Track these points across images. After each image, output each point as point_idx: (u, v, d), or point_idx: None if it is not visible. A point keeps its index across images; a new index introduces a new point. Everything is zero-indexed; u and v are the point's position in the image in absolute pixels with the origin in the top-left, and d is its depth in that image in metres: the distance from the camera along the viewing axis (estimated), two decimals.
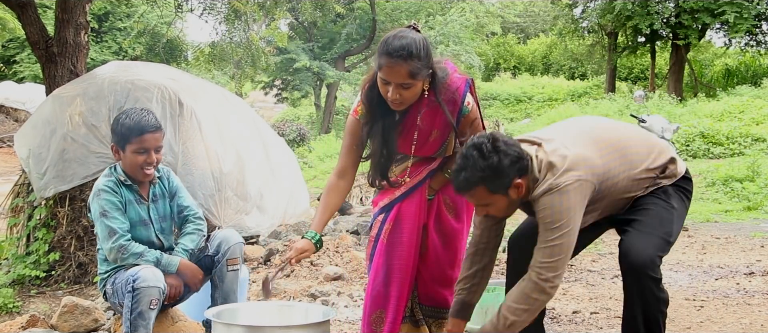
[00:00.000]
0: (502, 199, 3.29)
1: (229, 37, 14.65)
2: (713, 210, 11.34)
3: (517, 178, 3.26)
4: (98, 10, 29.73)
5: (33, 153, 7.36)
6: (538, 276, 3.26)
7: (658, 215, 3.52)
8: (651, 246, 3.43)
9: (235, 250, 4.11)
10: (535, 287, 3.27)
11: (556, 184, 3.26)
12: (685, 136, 17.10)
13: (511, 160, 3.23)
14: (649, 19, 26.19)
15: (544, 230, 3.27)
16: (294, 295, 5.94)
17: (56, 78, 8.80)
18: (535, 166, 3.34)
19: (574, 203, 3.27)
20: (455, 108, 3.64)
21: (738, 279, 6.63)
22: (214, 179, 7.32)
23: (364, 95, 3.68)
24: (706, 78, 31.32)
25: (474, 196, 3.29)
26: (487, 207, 3.34)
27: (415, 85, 3.46)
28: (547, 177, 3.29)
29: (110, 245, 3.97)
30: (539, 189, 3.28)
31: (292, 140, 23.01)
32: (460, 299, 3.60)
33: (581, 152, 3.35)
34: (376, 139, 3.70)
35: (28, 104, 25.85)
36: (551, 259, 3.26)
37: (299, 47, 31.52)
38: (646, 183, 3.54)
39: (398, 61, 3.38)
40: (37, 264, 7.22)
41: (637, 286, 3.43)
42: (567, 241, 3.27)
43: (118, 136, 4.06)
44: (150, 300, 3.77)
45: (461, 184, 3.25)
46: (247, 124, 8.62)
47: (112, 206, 4.02)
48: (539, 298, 3.29)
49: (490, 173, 3.19)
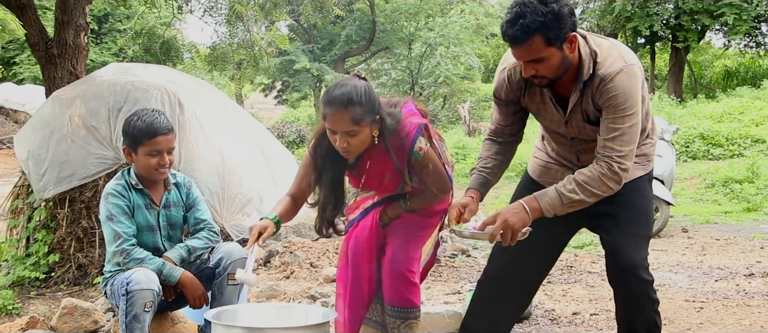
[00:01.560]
0: (557, 55, 3.15)
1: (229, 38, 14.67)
2: (713, 211, 11.33)
3: (573, 32, 3.16)
4: (98, 11, 29.75)
5: (32, 154, 7.36)
6: (620, 166, 3.20)
7: (643, 210, 3.53)
8: (640, 247, 3.44)
9: (236, 265, 4.06)
10: (613, 177, 3.22)
11: (629, 63, 3.20)
12: (685, 138, 17.10)
13: (570, 11, 3.14)
14: (648, 20, 26.21)
15: (618, 118, 3.18)
16: (294, 297, 5.94)
17: (56, 79, 8.81)
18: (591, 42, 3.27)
19: (639, 89, 3.22)
20: (403, 154, 3.62)
21: (738, 280, 6.63)
22: (218, 177, 7.33)
23: (312, 148, 3.73)
24: (705, 79, 31.33)
25: (530, 47, 3.12)
26: (538, 64, 3.18)
27: (360, 132, 3.46)
28: (615, 55, 3.22)
29: (114, 249, 3.97)
30: (610, 67, 3.19)
31: (291, 141, 23.04)
32: (481, 176, 3.62)
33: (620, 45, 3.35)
34: (325, 188, 3.75)
35: (27, 106, 25.85)
36: (629, 148, 3.21)
37: (299, 49, 31.57)
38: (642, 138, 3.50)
39: (339, 108, 3.39)
40: (36, 265, 7.22)
41: (633, 291, 3.43)
42: (637, 129, 3.23)
43: (130, 139, 4.04)
44: (144, 302, 3.76)
45: (519, 31, 3.09)
46: (246, 128, 8.63)
47: (119, 210, 4.01)
48: (614, 189, 3.25)
49: (551, 19, 3.07)
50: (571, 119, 3.40)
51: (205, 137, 7.41)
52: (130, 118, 4.09)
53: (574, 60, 3.23)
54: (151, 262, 3.95)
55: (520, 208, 3.25)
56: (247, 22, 14.23)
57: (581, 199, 3.23)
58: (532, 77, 3.26)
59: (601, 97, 3.23)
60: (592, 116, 3.33)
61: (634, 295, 3.45)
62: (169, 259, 4.06)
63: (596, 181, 3.21)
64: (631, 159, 3.24)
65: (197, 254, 4.19)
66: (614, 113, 3.19)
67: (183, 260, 4.12)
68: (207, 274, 4.14)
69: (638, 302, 3.45)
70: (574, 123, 3.41)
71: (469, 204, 3.48)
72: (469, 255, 7.81)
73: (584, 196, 3.23)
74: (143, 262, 3.93)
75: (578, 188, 3.22)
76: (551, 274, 7.12)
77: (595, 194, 3.23)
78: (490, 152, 3.65)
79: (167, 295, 4.06)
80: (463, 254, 7.81)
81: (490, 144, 3.69)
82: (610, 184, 3.23)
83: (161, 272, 3.96)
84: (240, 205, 7.45)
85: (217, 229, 4.35)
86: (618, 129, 3.19)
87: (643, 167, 3.56)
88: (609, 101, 3.20)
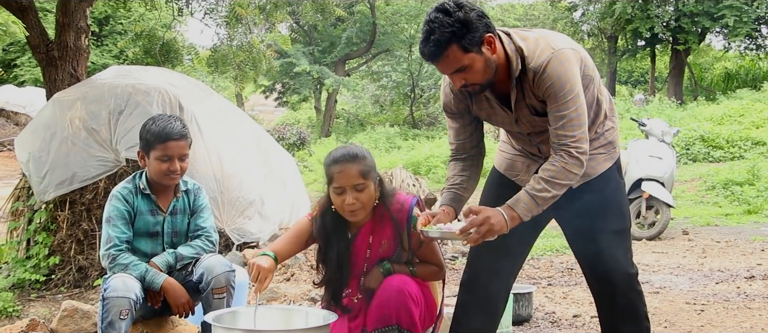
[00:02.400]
0: (478, 60, 3.17)
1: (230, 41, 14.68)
2: (713, 214, 11.34)
3: (488, 34, 3.17)
4: (99, 13, 29.76)
5: (33, 157, 7.36)
6: (578, 151, 3.22)
7: (615, 203, 3.54)
8: (619, 243, 3.49)
9: (219, 280, 4.01)
10: (576, 163, 3.23)
11: (557, 50, 3.21)
12: (686, 140, 17.11)
13: (478, 15, 3.15)
14: (649, 22, 26.23)
15: (559, 104, 3.20)
16: (294, 299, 5.93)
17: (57, 82, 8.80)
18: (516, 37, 3.28)
19: (576, 71, 3.23)
20: (403, 216, 3.71)
21: (738, 283, 6.63)
22: (216, 181, 7.31)
23: (316, 229, 3.76)
24: (706, 81, 31.35)
25: (448, 59, 3.16)
26: (464, 73, 3.20)
27: (368, 186, 3.59)
28: (542, 45, 3.23)
29: (103, 251, 3.98)
30: (539, 58, 3.21)
31: (292, 144, 23.03)
32: (453, 192, 3.60)
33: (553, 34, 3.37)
34: (331, 265, 3.76)
35: (28, 108, 25.87)
36: (580, 131, 3.22)
37: (299, 51, 31.58)
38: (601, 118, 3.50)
39: (347, 163, 3.57)
40: (37, 268, 7.21)
41: (619, 286, 3.48)
42: (583, 110, 3.23)
43: (144, 142, 4.05)
44: (120, 310, 3.72)
45: (432, 48, 3.13)
46: (247, 131, 8.62)
47: (118, 214, 4.01)
48: (579, 174, 3.26)
49: (459, 27, 3.09)
50: (519, 117, 3.43)
51: (205, 140, 7.40)
52: (146, 122, 4.10)
53: (500, 59, 3.24)
54: (134, 268, 3.93)
55: (499, 215, 3.24)
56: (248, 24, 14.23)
57: (554, 194, 3.25)
58: (463, 87, 3.29)
59: (539, 90, 3.25)
60: (539, 109, 3.35)
61: (620, 290, 3.48)
62: (154, 265, 4.03)
63: (561, 172, 3.23)
64: (586, 140, 3.25)
65: (184, 262, 4.16)
66: (556, 101, 3.21)
67: (170, 267, 4.09)
68: (191, 286, 4.09)
69: (626, 297, 3.49)
70: (524, 119, 3.44)
71: (439, 214, 3.47)
72: None
73: (555, 191, 3.25)
74: (127, 267, 3.91)
75: (547, 185, 3.24)
76: (552, 276, 7.13)
77: (564, 185, 3.26)
78: (456, 170, 3.66)
79: (154, 302, 4.04)
80: (464, 256, 7.81)
81: (455, 163, 3.70)
82: (575, 170, 3.24)
83: (144, 278, 3.94)
84: (241, 208, 7.44)
85: (215, 239, 4.31)
86: (564, 116, 3.21)
87: (610, 157, 3.56)
88: (547, 91, 3.22)
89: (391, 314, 3.50)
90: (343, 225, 3.73)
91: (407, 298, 3.52)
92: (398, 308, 3.51)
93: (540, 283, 6.81)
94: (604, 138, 3.51)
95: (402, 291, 3.52)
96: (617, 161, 3.60)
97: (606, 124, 3.54)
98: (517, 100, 3.35)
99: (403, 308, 3.50)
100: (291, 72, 31.57)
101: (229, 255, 7.08)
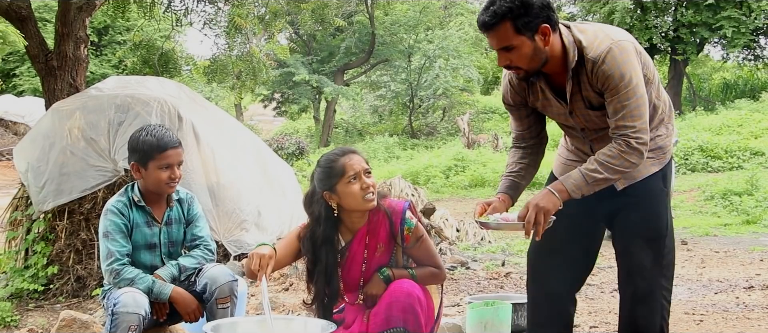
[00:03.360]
0: (527, 44, 3.21)
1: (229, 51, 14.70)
2: (712, 224, 11.34)
3: (545, 24, 3.20)
4: (98, 23, 29.79)
5: (32, 166, 7.36)
6: (637, 141, 3.21)
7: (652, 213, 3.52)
8: (649, 251, 3.48)
9: (223, 289, 4.01)
10: (634, 152, 3.23)
11: (617, 40, 3.22)
12: (684, 150, 17.13)
13: (542, 4, 3.19)
14: (647, 33, 26.27)
15: (620, 94, 3.21)
16: (293, 309, 5.93)
17: (56, 91, 8.82)
18: (575, 30, 3.31)
19: (636, 63, 3.24)
20: (397, 219, 3.74)
21: (737, 293, 6.63)
22: (212, 193, 7.31)
23: (304, 243, 3.76)
24: (704, 92, 31.39)
25: (498, 33, 3.20)
26: (510, 52, 3.24)
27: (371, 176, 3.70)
28: (601, 37, 3.25)
29: (105, 267, 3.95)
30: (598, 49, 3.22)
31: (291, 154, 23.06)
32: (509, 179, 3.63)
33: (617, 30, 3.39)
34: (320, 281, 3.74)
35: (27, 118, 25.88)
36: (640, 121, 3.22)
37: (298, 61, 31.60)
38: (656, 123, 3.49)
39: (353, 153, 3.69)
40: (35, 277, 7.21)
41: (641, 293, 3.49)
42: (644, 100, 3.23)
43: (140, 154, 4.02)
44: (128, 326, 3.72)
45: (488, 17, 3.18)
46: (245, 142, 8.62)
47: (116, 228, 3.99)
48: (636, 163, 3.26)
49: (519, 5, 3.14)
50: (574, 109, 3.43)
51: (203, 151, 7.40)
52: (136, 134, 4.07)
53: (552, 52, 3.26)
54: (141, 281, 3.92)
55: (547, 192, 3.29)
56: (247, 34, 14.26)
57: (605, 177, 3.26)
58: (506, 67, 3.34)
59: (598, 81, 3.26)
60: (595, 102, 3.35)
61: (641, 298, 3.48)
62: (159, 276, 4.03)
63: (617, 158, 3.24)
64: (646, 131, 3.25)
65: (188, 273, 4.15)
66: (616, 92, 3.22)
67: (174, 278, 4.09)
68: (194, 296, 4.10)
69: (645, 306, 3.47)
70: (578, 112, 3.44)
71: (495, 202, 3.49)
72: (468, 267, 7.81)
73: (607, 174, 3.25)
74: (133, 281, 3.90)
75: (600, 167, 3.25)
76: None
77: (618, 170, 3.26)
78: (515, 158, 3.69)
79: (159, 315, 4.04)
80: (463, 266, 7.80)
81: (514, 150, 3.72)
82: (632, 159, 3.24)
83: (151, 291, 3.94)
84: (238, 220, 7.43)
85: (213, 247, 4.30)
86: (624, 106, 3.22)
87: (659, 162, 3.54)
88: (607, 82, 3.23)
89: (399, 316, 3.51)
90: (333, 235, 3.72)
91: (415, 301, 3.54)
92: (405, 310, 3.51)
93: None
94: (653, 143, 3.46)
95: (410, 294, 3.54)
96: (665, 168, 3.57)
97: (659, 129, 3.52)
98: (573, 93, 3.36)
99: (410, 310, 3.52)
100: (290, 82, 31.60)
101: (229, 264, 7.08)
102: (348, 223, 3.74)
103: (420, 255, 3.78)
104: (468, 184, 18.52)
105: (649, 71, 3.35)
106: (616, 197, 3.47)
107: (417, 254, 3.78)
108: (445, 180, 19.27)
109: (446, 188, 18.60)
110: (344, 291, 3.81)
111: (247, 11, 13.65)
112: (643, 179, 3.49)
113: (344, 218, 3.72)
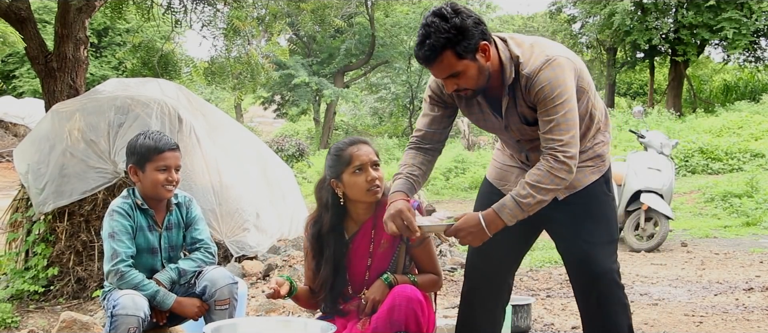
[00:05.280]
0: (472, 66, 3.17)
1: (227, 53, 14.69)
2: (712, 225, 11.34)
3: (483, 41, 3.17)
4: (98, 25, 29.79)
5: (32, 168, 7.37)
6: (565, 155, 3.19)
7: (602, 216, 3.51)
8: (607, 254, 3.47)
9: (223, 292, 4.02)
10: (563, 167, 3.20)
11: (551, 57, 3.19)
12: (684, 152, 17.12)
13: (474, 22, 3.15)
14: (647, 34, 26.28)
15: (550, 108, 3.19)
16: (293, 310, 5.93)
17: (55, 93, 8.82)
18: (512, 44, 3.28)
19: (569, 78, 3.21)
20: None
21: (737, 294, 6.63)
22: (215, 193, 7.32)
23: (309, 228, 3.79)
24: (704, 93, 31.41)
25: (442, 64, 3.16)
26: (457, 78, 3.20)
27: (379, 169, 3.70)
28: (536, 52, 3.22)
29: (110, 268, 3.94)
30: (532, 65, 3.20)
31: (291, 155, 23.02)
32: (408, 181, 3.53)
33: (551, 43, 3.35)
34: (328, 266, 3.74)
35: (27, 119, 25.88)
36: (570, 134, 3.20)
37: (298, 62, 31.60)
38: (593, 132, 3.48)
39: (362, 143, 3.69)
40: (35, 279, 7.21)
41: (605, 297, 3.46)
42: (574, 116, 3.21)
43: (138, 156, 4.02)
44: (127, 328, 3.72)
45: (427, 52, 3.13)
46: (245, 143, 8.63)
47: (122, 229, 3.98)
48: (566, 179, 3.24)
49: (455, 33, 3.10)
50: (509, 124, 3.43)
51: (204, 152, 7.41)
52: (134, 138, 4.08)
53: (494, 66, 3.25)
54: (145, 287, 3.91)
55: (477, 223, 3.27)
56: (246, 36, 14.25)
57: (539, 199, 3.24)
58: (455, 92, 3.30)
59: (530, 95, 3.24)
60: (530, 118, 3.34)
61: (606, 302, 3.46)
62: (158, 281, 4.03)
63: (547, 177, 3.21)
64: (574, 145, 3.22)
65: (187, 277, 4.15)
66: (545, 105, 3.20)
67: (173, 282, 4.09)
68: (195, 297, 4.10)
69: (611, 310, 3.47)
70: (513, 126, 3.43)
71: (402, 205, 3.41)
72: None
73: (541, 196, 3.23)
74: (137, 287, 3.90)
75: (532, 191, 3.22)
76: (551, 287, 7.12)
77: (551, 190, 3.24)
78: (416, 160, 3.59)
79: (159, 319, 4.04)
80: (462, 268, 7.80)
81: (415, 152, 3.61)
82: (561, 175, 3.22)
83: (154, 298, 3.94)
84: (240, 221, 7.44)
85: (213, 249, 4.29)
86: (552, 120, 3.20)
87: (598, 169, 3.53)
88: (537, 95, 3.21)
89: (401, 321, 3.50)
90: (340, 226, 3.73)
91: (417, 306, 3.53)
92: (408, 315, 3.50)
93: (539, 294, 6.81)
94: (592, 151, 3.49)
95: (413, 299, 3.53)
96: (606, 174, 3.56)
97: (597, 138, 3.52)
98: (508, 107, 3.35)
99: (412, 315, 3.50)
100: (290, 83, 31.59)
101: (229, 266, 7.08)
102: (354, 215, 3.73)
103: (422, 257, 3.77)
104: (468, 185, 18.53)
105: (584, 82, 3.34)
106: (560, 207, 3.44)
107: (420, 255, 3.77)
108: (445, 182, 19.29)
109: (446, 190, 18.62)
110: (350, 282, 3.80)
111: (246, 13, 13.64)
112: (586, 188, 3.48)
113: (350, 209, 3.72)
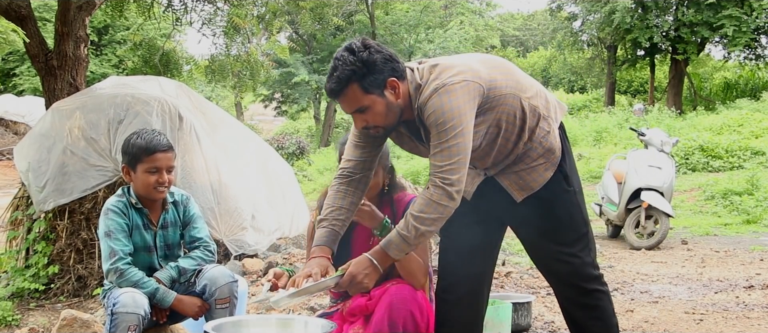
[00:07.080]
0: (379, 102, 3.15)
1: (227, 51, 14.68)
2: (712, 223, 11.34)
3: (392, 78, 3.15)
4: (98, 23, 29.79)
5: (32, 166, 7.36)
6: (443, 181, 3.10)
7: (565, 215, 3.43)
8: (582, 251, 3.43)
9: (223, 290, 4.01)
10: (443, 193, 3.11)
11: (442, 84, 3.12)
12: (685, 150, 17.12)
13: (384, 58, 3.13)
14: (648, 32, 26.29)
15: (437, 134, 3.11)
16: (293, 309, 5.93)
17: (56, 91, 8.82)
18: (418, 73, 3.23)
19: (463, 102, 3.11)
20: (401, 206, 3.89)
21: (737, 292, 6.63)
22: (214, 192, 7.31)
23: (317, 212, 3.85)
24: (705, 91, 31.39)
25: (347, 98, 3.13)
26: (365, 114, 3.18)
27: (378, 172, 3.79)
28: (431, 79, 3.17)
29: (109, 266, 3.93)
30: (424, 94, 3.15)
31: (291, 153, 23.03)
32: (331, 229, 3.45)
33: (464, 62, 3.26)
34: None
35: (27, 117, 25.89)
36: (451, 161, 3.10)
37: (298, 61, 31.61)
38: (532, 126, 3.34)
39: None
40: (36, 277, 7.21)
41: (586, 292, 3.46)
42: (462, 141, 3.11)
43: (130, 156, 4.02)
44: (128, 326, 3.72)
45: (333, 85, 3.11)
46: (246, 142, 8.62)
47: (118, 227, 3.98)
48: (449, 205, 3.13)
49: (360, 66, 3.08)
50: None
51: (203, 150, 7.40)
52: (129, 137, 4.07)
53: (404, 103, 3.22)
54: (145, 285, 3.91)
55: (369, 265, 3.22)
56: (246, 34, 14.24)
57: (423, 231, 3.16)
58: (364, 129, 3.27)
59: (425, 123, 3.19)
60: None
61: (588, 297, 3.47)
62: (158, 279, 4.02)
63: (428, 206, 3.14)
64: (456, 171, 3.12)
65: (187, 276, 4.15)
66: (433, 130, 3.14)
67: (173, 281, 4.09)
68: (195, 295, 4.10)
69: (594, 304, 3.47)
70: None
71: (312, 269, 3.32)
72: None
73: (425, 227, 3.15)
74: (137, 284, 3.90)
75: (415, 222, 3.15)
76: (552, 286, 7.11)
77: (434, 219, 3.16)
78: (344, 201, 3.48)
79: (160, 317, 4.04)
80: None
81: (346, 188, 3.50)
82: (444, 201, 3.13)
83: (154, 296, 3.94)
84: (239, 219, 7.44)
85: (213, 248, 4.29)
86: (438, 145, 3.12)
87: (551, 164, 3.40)
88: (428, 121, 3.16)
89: (398, 322, 3.52)
90: None
91: (415, 307, 3.55)
92: (405, 317, 3.52)
93: (539, 292, 6.81)
94: (540, 147, 3.37)
95: (410, 300, 3.54)
96: (561, 166, 3.42)
97: (541, 129, 3.38)
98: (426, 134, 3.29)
99: (409, 317, 3.53)
100: (290, 81, 31.60)
101: (229, 264, 7.08)
102: None
103: (417, 251, 3.75)
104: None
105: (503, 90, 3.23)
106: (520, 208, 3.39)
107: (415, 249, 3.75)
108: None
109: None
110: None
111: (246, 11, 13.63)
112: (544, 187, 3.39)
113: None
